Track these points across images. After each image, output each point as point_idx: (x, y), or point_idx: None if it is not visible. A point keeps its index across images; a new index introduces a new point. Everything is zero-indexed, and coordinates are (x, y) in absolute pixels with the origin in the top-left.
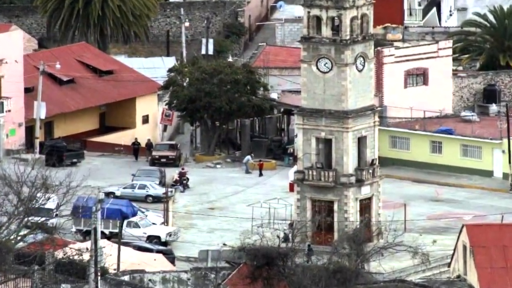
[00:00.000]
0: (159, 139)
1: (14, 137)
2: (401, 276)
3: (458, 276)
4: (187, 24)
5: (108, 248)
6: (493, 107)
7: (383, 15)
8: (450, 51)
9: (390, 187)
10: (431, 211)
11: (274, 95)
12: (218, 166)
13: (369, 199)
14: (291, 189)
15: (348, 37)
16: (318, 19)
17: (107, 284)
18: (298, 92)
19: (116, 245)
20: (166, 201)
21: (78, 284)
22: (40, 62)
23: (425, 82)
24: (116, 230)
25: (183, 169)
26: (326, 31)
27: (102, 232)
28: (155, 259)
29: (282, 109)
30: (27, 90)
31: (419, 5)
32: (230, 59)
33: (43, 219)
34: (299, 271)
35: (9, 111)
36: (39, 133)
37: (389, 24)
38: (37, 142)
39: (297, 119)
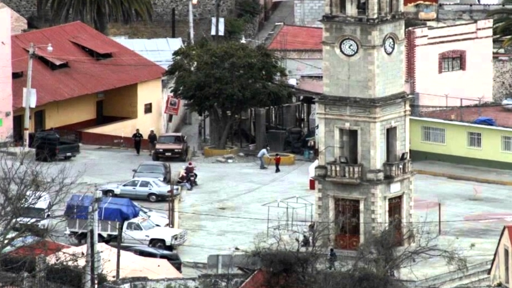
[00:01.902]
0: (163, 131)
1: (1, 128)
2: (435, 284)
3: (499, 284)
4: (194, 1)
5: (106, 253)
6: None
7: None
8: (490, 32)
9: (423, 184)
10: (469, 211)
11: (292, 81)
12: (229, 160)
13: (399, 197)
14: (312, 186)
15: (375, 16)
16: None
17: None
18: (319, 77)
19: (115, 250)
20: (172, 200)
21: None
22: (30, 44)
23: (462, 67)
24: (115, 233)
25: (190, 164)
26: (351, 9)
27: (100, 235)
28: (159, 265)
29: (301, 97)
30: (16, 76)
31: None
32: (243, 41)
33: (34, 220)
34: (321, 279)
35: None
36: (28, 124)
37: (421, 2)
38: (26, 133)
39: (318, 108)
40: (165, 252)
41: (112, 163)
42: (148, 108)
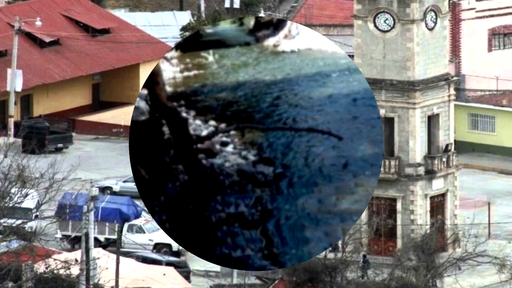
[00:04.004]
0: None
1: None
2: None
3: None
4: None
5: (103, 260)
6: None
7: None
8: None
9: (470, 180)
10: None
11: None
12: None
13: (443, 196)
14: None
15: None
16: None
17: None
18: (350, 57)
19: (114, 256)
20: None
21: None
22: (16, 18)
23: None
24: (114, 236)
25: None
26: None
27: (96, 239)
28: (164, 274)
29: None
30: None
31: None
32: (262, 14)
33: (20, 221)
34: None
35: None
36: (14, 110)
37: None
38: (11, 121)
39: None
40: (172, 258)
41: (110, 156)
42: None
